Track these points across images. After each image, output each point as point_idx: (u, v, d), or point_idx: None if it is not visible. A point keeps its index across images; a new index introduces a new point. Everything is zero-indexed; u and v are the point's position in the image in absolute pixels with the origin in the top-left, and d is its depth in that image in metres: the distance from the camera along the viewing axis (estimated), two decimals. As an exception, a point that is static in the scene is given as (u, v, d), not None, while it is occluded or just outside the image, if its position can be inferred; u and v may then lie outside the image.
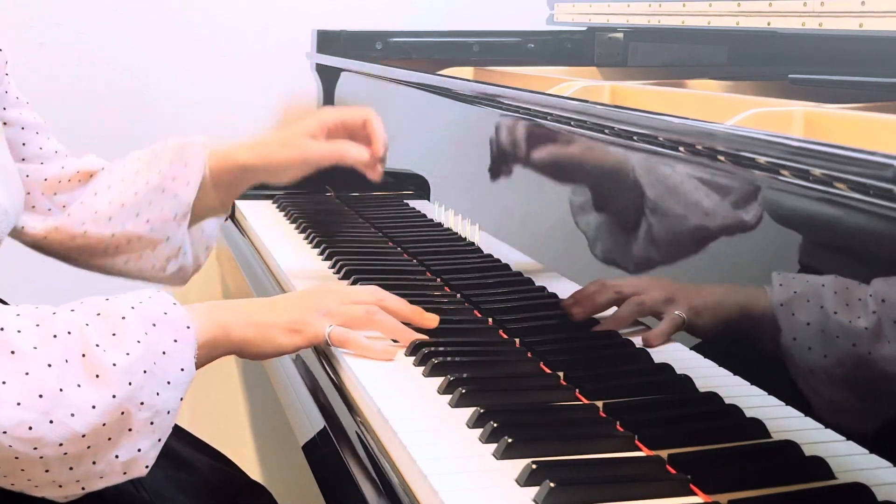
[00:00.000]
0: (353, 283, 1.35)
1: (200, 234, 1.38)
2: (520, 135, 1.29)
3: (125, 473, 0.91)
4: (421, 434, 0.90)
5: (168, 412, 0.92)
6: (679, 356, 0.97)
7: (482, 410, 0.91)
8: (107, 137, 2.15)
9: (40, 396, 0.85)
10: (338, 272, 1.42)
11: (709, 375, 0.92)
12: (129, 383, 0.89)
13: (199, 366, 0.98)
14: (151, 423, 0.91)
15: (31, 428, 0.85)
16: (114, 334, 0.90)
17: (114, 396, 0.88)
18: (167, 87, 2.17)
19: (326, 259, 1.50)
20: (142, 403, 0.90)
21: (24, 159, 1.28)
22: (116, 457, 0.90)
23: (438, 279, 1.37)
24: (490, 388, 0.99)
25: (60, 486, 0.90)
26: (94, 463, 0.89)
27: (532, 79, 1.60)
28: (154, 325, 0.93)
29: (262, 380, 2.17)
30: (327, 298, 1.11)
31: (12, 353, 0.86)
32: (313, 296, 1.12)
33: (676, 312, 0.97)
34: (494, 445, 0.86)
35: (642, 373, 0.99)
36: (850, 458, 0.77)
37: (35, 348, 0.87)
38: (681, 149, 0.92)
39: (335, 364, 1.11)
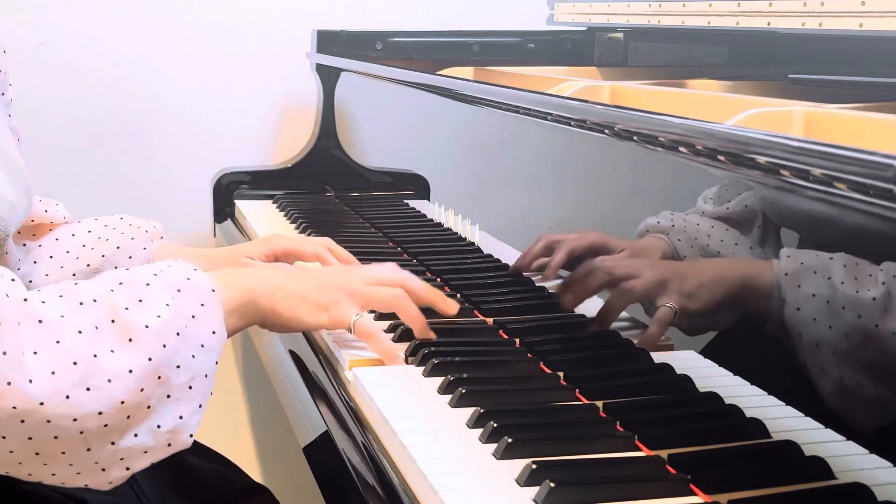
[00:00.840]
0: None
1: None
2: (520, 135, 1.29)
3: (170, 445, 0.89)
4: (421, 434, 0.90)
5: (206, 375, 0.90)
6: (679, 356, 0.97)
7: (482, 410, 0.91)
8: (107, 137, 2.15)
9: (74, 364, 0.83)
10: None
11: (709, 375, 0.92)
12: (164, 345, 0.87)
13: (231, 332, 0.96)
14: (190, 388, 0.89)
15: (68, 397, 0.82)
16: (140, 300, 0.88)
17: (150, 359, 0.86)
18: (167, 86, 2.17)
19: (326, 259, 1.50)
20: (178, 367, 0.87)
21: None
22: (158, 426, 0.87)
23: (438, 279, 1.37)
24: (490, 388, 0.99)
25: (104, 469, 0.86)
26: (136, 435, 0.86)
27: (532, 79, 1.60)
28: (179, 290, 0.91)
29: (263, 381, 2.17)
30: (354, 278, 1.08)
31: (40, 322, 0.83)
32: (339, 274, 1.10)
33: (668, 305, 0.96)
34: (494, 445, 0.86)
35: (642, 373, 1.00)
36: (850, 458, 0.77)
37: (62, 317, 0.84)
38: (681, 149, 0.92)
39: (335, 365, 1.11)
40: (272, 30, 2.21)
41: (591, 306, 1.12)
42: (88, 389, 0.83)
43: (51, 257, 1.27)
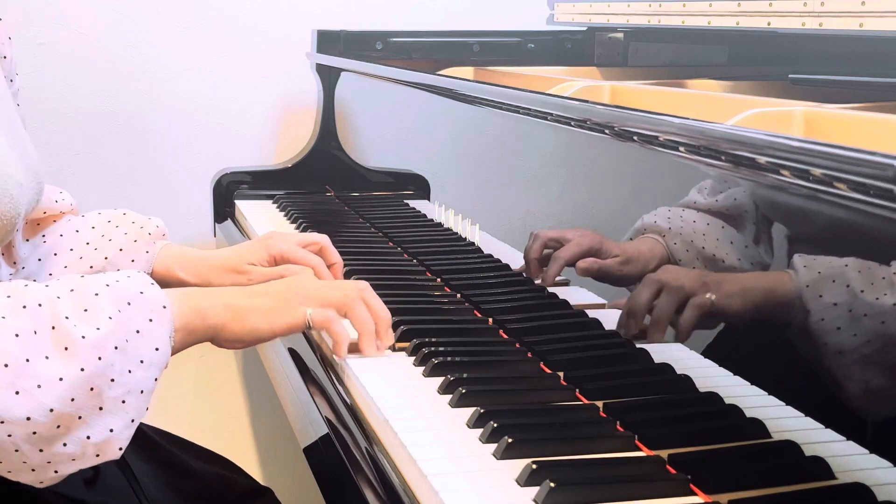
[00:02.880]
0: (354, 283, 1.35)
1: None
2: (520, 135, 1.29)
3: (98, 456, 0.89)
4: (421, 434, 0.90)
5: (141, 391, 0.90)
6: (679, 356, 0.97)
7: (482, 410, 0.91)
8: (106, 138, 2.15)
9: (6, 366, 0.83)
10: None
11: (709, 375, 0.92)
12: (99, 358, 0.87)
13: (175, 350, 0.97)
14: (123, 402, 0.89)
15: None
16: (85, 310, 0.89)
17: (82, 370, 0.86)
18: (167, 86, 2.17)
19: (326, 259, 1.50)
20: (112, 380, 0.88)
21: None
22: (88, 437, 0.88)
23: (438, 279, 1.37)
24: (490, 388, 0.99)
25: (34, 470, 0.87)
26: (64, 445, 0.87)
27: (532, 79, 1.60)
28: (129, 303, 0.91)
29: (263, 382, 2.17)
30: (308, 283, 1.10)
31: None
32: (293, 282, 1.10)
33: (708, 295, 0.93)
34: (494, 445, 0.86)
35: (642, 373, 0.99)
36: (850, 458, 0.77)
37: (3, 318, 0.85)
38: (681, 149, 0.92)
39: (336, 365, 1.11)
40: (272, 30, 2.21)
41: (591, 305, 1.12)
42: (17, 393, 0.83)
43: (55, 255, 1.26)
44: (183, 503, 1.21)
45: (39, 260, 1.26)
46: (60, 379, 0.85)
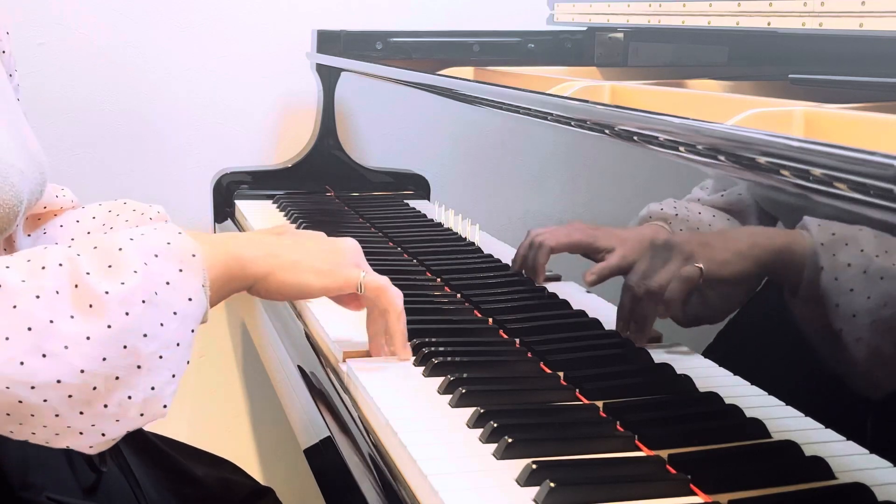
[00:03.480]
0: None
1: None
2: (520, 135, 1.29)
3: (142, 416, 0.86)
4: (421, 434, 0.90)
5: (178, 344, 0.86)
6: (679, 356, 0.97)
7: (482, 410, 0.91)
8: (106, 138, 2.15)
9: (29, 329, 0.80)
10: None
11: (709, 375, 0.92)
12: (126, 313, 0.83)
13: (213, 301, 0.92)
14: (161, 357, 0.85)
15: (22, 363, 0.79)
16: (109, 266, 0.85)
17: (109, 327, 0.82)
18: (167, 86, 2.17)
19: (326, 259, 1.50)
20: (145, 335, 0.84)
21: None
22: (129, 397, 0.84)
23: (438, 279, 1.37)
24: (490, 389, 0.99)
25: (81, 433, 0.84)
26: (105, 406, 0.83)
27: (532, 79, 1.60)
28: (156, 255, 0.87)
29: (264, 383, 2.17)
30: (359, 255, 1.04)
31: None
32: (339, 242, 1.04)
33: (696, 264, 0.92)
34: (494, 445, 0.86)
35: (642, 373, 1.00)
36: (850, 458, 0.77)
37: (23, 281, 0.81)
38: (681, 149, 0.92)
39: (336, 366, 1.11)
40: (272, 30, 2.21)
41: (593, 305, 1.12)
42: (44, 356, 0.80)
43: (56, 244, 1.26)
44: None
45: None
46: (87, 338, 0.81)
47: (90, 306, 0.82)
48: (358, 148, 2.00)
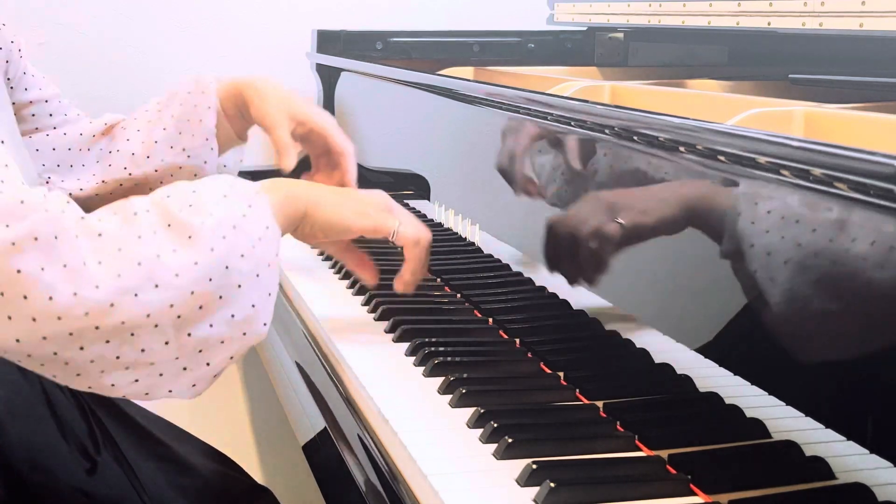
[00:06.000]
0: (353, 283, 1.35)
1: (223, 168, 1.38)
2: (520, 135, 1.29)
3: (245, 335, 0.91)
4: (421, 434, 0.90)
5: (269, 265, 0.93)
6: (679, 356, 0.97)
7: (482, 410, 0.91)
8: (107, 137, 2.15)
9: (139, 264, 0.85)
10: (338, 272, 1.43)
11: (709, 375, 0.92)
12: (224, 237, 0.90)
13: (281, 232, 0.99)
14: (258, 276, 0.91)
15: (136, 294, 0.84)
16: (190, 205, 0.91)
17: (212, 250, 0.88)
18: (167, 87, 2.17)
19: (326, 259, 1.50)
20: (242, 255, 0.90)
21: (54, 127, 1.30)
22: (232, 316, 0.90)
23: (438, 279, 1.37)
24: (490, 388, 0.99)
25: (185, 368, 0.88)
26: (210, 326, 0.88)
27: (532, 79, 1.60)
28: (225, 195, 0.94)
29: (263, 380, 2.17)
30: (391, 202, 1.12)
31: (99, 235, 0.85)
32: (376, 194, 1.12)
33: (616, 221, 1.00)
34: (494, 445, 0.86)
35: (642, 373, 1.00)
36: (850, 458, 0.77)
37: (120, 228, 0.87)
38: (681, 149, 0.92)
39: (335, 365, 1.11)
40: (272, 30, 2.21)
41: (595, 306, 1.12)
42: (157, 286, 0.85)
43: (138, 130, 1.31)
44: (182, 499, 1.21)
45: (118, 151, 1.30)
46: (196, 263, 0.87)
47: (189, 237, 0.88)
48: (358, 148, 1.99)
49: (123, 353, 0.85)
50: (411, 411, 0.95)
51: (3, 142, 0.92)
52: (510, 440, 0.85)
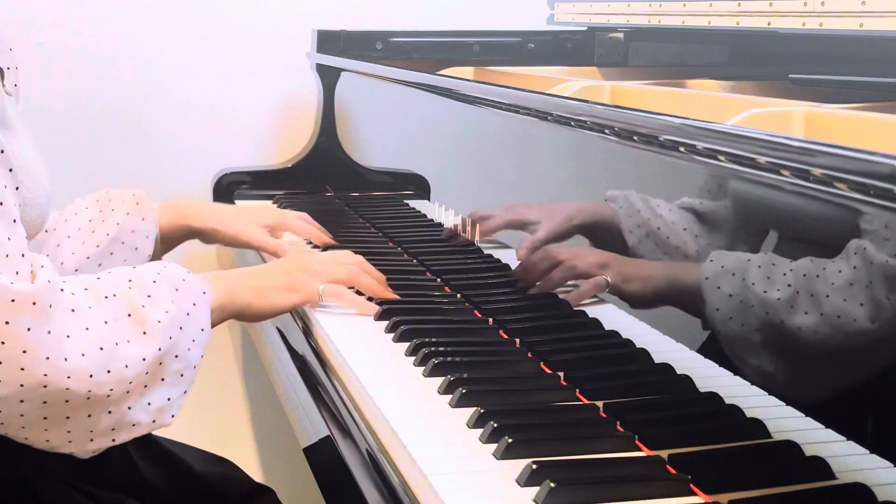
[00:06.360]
0: (354, 283, 1.35)
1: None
2: (520, 135, 1.29)
3: (154, 422, 1.00)
4: (421, 434, 0.90)
5: (194, 367, 1.03)
6: (679, 356, 0.97)
7: (482, 410, 0.91)
8: (106, 138, 2.15)
9: (101, 349, 0.94)
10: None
11: (709, 375, 0.92)
12: (170, 337, 1.00)
13: (212, 326, 1.08)
14: (182, 375, 1.01)
15: (91, 376, 0.93)
16: (149, 296, 1.01)
17: (159, 349, 0.98)
18: (167, 87, 2.17)
19: (326, 259, 1.50)
20: (177, 356, 1.00)
21: None
22: (149, 404, 0.99)
23: (438, 279, 1.37)
24: (490, 389, 0.99)
25: (92, 440, 0.96)
26: (129, 408, 0.98)
27: (532, 79, 1.60)
28: (177, 289, 1.03)
29: (263, 381, 2.17)
30: (314, 261, 1.25)
31: (73, 311, 0.94)
32: (301, 259, 1.26)
33: (604, 277, 1.06)
34: (495, 445, 0.86)
35: (642, 373, 1.00)
36: (850, 458, 0.77)
37: (90, 308, 0.96)
38: (681, 149, 0.92)
39: (335, 365, 1.11)
40: (272, 30, 2.21)
41: (598, 311, 1.12)
42: (109, 372, 0.94)
43: (57, 245, 1.31)
44: (185, 503, 1.21)
45: (59, 245, 1.31)
46: (143, 359, 0.97)
47: (143, 333, 0.98)
48: (358, 148, 2.00)
49: (51, 415, 0.93)
50: (411, 411, 0.95)
51: (13, 187, 0.96)
52: (510, 440, 0.85)
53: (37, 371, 0.89)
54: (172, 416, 1.02)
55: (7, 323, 0.88)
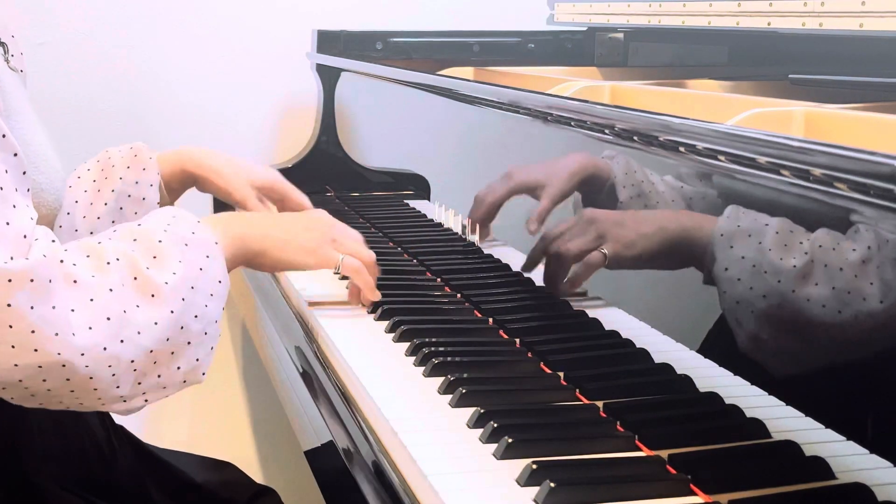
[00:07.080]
0: (354, 283, 1.35)
1: None
2: (520, 135, 1.29)
3: (184, 382, 0.98)
4: (421, 434, 0.90)
5: (216, 321, 1.00)
6: (679, 356, 0.97)
7: (482, 410, 0.91)
8: (106, 137, 2.15)
9: (108, 319, 0.91)
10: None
11: (709, 375, 0.92)
12: (183, 299, 0.96)
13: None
14: (206, 333, 0.98)
15: (105, 349, 0.90)
16: (155, 257, 0.97)
17: (172, 312, 0.95)
18: (167, 87, 2.17)
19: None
20: (196, 316, 0.97)
21: None
22: (178, 368, 0.97)
23: (438, 279, 1.37)
24: (490, 388, 0.99)
25: (125, 401, 0.95)
26: (159, 376, 0.96)
27: (532, 79, 1.60)
28: (186, 244, 0.99)
29: (263, 382, 2.17)
30: (335, 229, 1.21)
31: (75, 282, 0.90)
32: (321, 222, 1.21)
33: (601, 250, 1.05)
34: (495, 445, 0.86)
35: (642, 373, 1.00)
36: (850, 458, 0.77)
37: (93, 276, 0.92)
38: (681, 149, 0.92)
39: (335, 365, 1.11)
40: (272, 30, 2.21)
41: (603, 315, 1.12)
42: (122, 341, 0.92)
43: (76, 202, 1.30)
44: None
45: (60, 227, 1.28)
46: (156, 323, 0.94)
47: (152, 296, 0.95)
48: (358, 148, 2.00)
49: (78, 388, 0.91)
50: (411, 411, 0.95)
51: (17, 171, 0.93)
52: (510, 440, 0.85)
53: (51, 349, 0.87)
54: (203, 373, 0.99)
55: (9, 305, 0.85)
